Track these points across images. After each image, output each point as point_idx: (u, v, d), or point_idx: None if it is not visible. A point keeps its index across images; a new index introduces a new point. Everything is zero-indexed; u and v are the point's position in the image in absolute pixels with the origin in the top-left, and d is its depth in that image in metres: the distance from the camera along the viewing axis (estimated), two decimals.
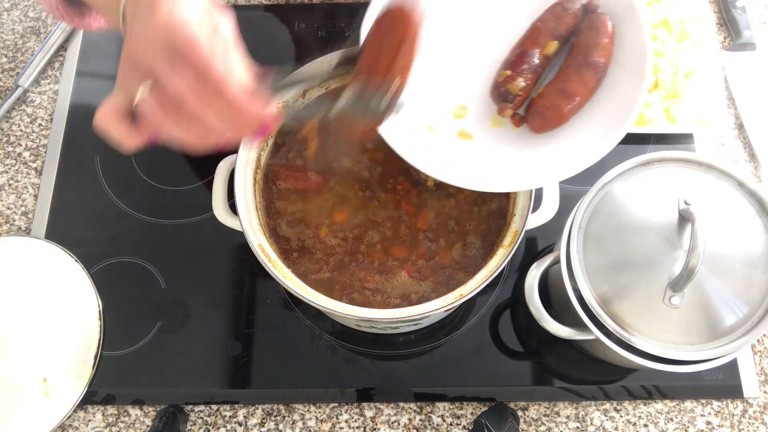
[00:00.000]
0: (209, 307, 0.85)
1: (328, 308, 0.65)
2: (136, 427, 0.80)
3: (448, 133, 0.68)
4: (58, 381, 0.80)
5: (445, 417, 0.80)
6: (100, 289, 0.85)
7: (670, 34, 0.93)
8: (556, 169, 0.65)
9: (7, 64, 1.03)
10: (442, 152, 0.67)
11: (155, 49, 0.45)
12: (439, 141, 0.68)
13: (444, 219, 0.73)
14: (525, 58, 0.66)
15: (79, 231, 0.90)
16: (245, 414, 0.80)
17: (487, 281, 0.64)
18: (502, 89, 0.66)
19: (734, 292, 0.62)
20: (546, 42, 0.66)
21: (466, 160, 0.67)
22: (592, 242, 0.65)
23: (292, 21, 1.03)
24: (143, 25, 0.45)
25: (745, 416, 0.79)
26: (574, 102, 0.64)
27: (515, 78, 0.65)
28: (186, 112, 0.46)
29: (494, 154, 0.67)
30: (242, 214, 0.69)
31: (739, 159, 0.93)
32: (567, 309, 0.68)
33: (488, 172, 0.66)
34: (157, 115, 0.47)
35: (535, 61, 0.66)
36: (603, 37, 0.65)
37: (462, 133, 0.68)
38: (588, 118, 0.66)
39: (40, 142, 0.96)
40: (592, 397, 0.80)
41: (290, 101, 0.76)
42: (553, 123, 0.65)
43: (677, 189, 0.65)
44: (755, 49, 0.98)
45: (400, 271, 0.71)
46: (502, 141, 0.68)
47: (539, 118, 0.65)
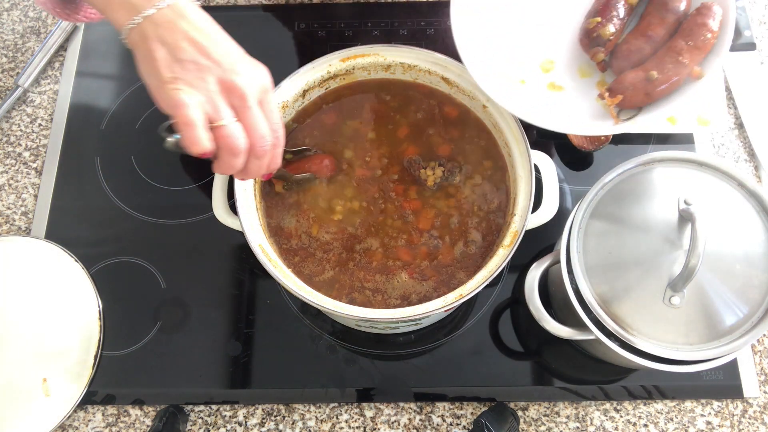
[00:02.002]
0: (209, 307, 0.85)
1: (328, 308, 0.65)
2: (136, 427, 0.80)
3: (539, 86, 0.73)
4: (58, 381, 0.80)
5: (445, 417, 0.80)
6: (100, 289, 0.85)
7: None
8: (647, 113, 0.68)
9: (7, 64, 1.03)
10: (536, 103, 0.71)
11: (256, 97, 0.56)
12: (533, 93, 0.72)
13: (444, 218, 0.73)
14: (611, 6, 0.71)
15: (79, 231, 0.90)
16: (245, 414, 0.80)
17: (487, 281, 0.64)
18: (594, 35, 0.70)
19: (734, 292, 0.62)
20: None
21: (560, 109, 0.71)
22: (592, 242, 0.65)
23: (292, 21, 1.03)
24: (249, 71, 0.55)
25: (745, 416, 0.79)
26: (656, 45, 0.68)
27: (605, 24, 0.70)
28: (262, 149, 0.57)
29: (586, 103, 0.71)
30: (242, 214, 0.69)
31: (739, 159, 0.93)
32: (567, 309, 0.68)
33: (584, 118, 0.70)
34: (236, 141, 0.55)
35: (621, 9, 0.71)
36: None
37: (552, 85, 0.73)
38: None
39: (40, 142, 0.96)
40: (592, 397, 0.80)
41: (290, 101, 0.76)
42: (636, 64, 0.69)
43: (677, 189, 0.65)
44: (755, 49, 0.98)
45: (400, 272, 0.71)
46: (591, 89, 0.72)
47: (624, 60, 0.69)
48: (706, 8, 0.68)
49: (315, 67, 0.76)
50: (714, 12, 0.67)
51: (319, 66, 0.76)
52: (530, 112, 0.68)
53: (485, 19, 0.74)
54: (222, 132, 0.54)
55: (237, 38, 1.06)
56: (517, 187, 0.71)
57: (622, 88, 0.68)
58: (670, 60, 0.67)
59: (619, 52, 0.70)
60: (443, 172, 0.74)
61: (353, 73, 0.78)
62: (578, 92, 0.72)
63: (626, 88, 0.67)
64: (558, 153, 0.92)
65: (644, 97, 0.67)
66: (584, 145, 0.89)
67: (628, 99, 0.68)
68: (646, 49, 0.69)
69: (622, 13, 0.71)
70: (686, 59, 0.66)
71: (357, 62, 0.77)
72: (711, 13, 0.67)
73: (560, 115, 0.70)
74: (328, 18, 1.03)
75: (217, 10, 1.05)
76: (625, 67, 0.70)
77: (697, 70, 0.67)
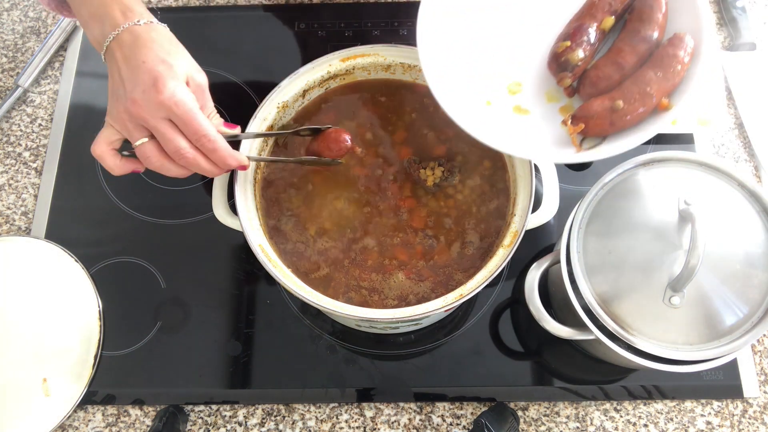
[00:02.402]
0: (209, 307, 0.85)
1: (328, 308, 0.65)
2: (136, 427, 0.80)
3: (504, 108, 0.71)
4: (58, 381, 0.80)
5: (445, 417, 0.80)
6: (100, 289, 0.86)
7: None
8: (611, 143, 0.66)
9: (7, 64, 1.03)
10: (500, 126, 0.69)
11: (159, 117, 0.60)
12: (497, 115, 0.71)
13: (443, 218, 0.73)
14: (583, 30, 0.69)
15: (79, 231, 0.90)
16: (245, 414, 0.80)
17: (487, 281, 0.64)
18: (562, 59, 0.68)
19: (734, 292, 0.62)
20: (603, 17, 0.69)
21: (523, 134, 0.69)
22: (592, 242, 0.65)
23: (292, 21, 1.03)
24: (146, 96, 0.59)
25: (745, 416, 0.79)
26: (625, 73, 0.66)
27: (575, 49, 0.68)
28: (184, 160, 0.62)
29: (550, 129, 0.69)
30: (242, 214, 0.69)
31: (739, 159, 0.93)
32: (567, 309, 0.68)
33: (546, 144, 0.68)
34: (158, 158, 0.62)
35: (592, 35, 0.69)
36: (656, 12, 0.67)
37: (518, 108, 0.71)
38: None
39: (40, 142, 0.96)
40: (592, 397, 0.80)
41: (290, 101, 0.76)
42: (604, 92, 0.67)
43: (677, 189, 0.65)
44: (755, 49, 0.98)
45: (397, 272, 0.71)
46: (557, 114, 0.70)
47: (591, 87, 0.67)
48: (678, 39, 0.65)
49: (315, 67, 0.76)
50: (686, 43, 0.64)
51: (319, 66, 0.76)
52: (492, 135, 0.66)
53: (454, 36, 0.72)
54: (137, 152, 0.62)
55: (237, 38, 1.06)
56: (517, 187, 0.71)
57: (587, 115, 0.65)
58: (638, 90, 0.64)
59: (587, 78, 0.68)
60: (443, 172, 0.74)
61: (353, 73, 0.78)
62: (544, 117, 0.70)
63: (591, 116, 0.65)
64: None
65: (609, 126, 0.65)
66: None
67: (592, 127, 0.65)
68: (615, 77, 0.66)
69: (593, 38, 0.68)
70: (654, 90, 0.64)
71: (357, 62, 0.77)
72: (683, 44, 0.64)
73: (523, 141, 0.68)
74: (328, 18, 1.03)
75: (217, 10, 1.05)
76: (593, 94, 0.67)
77: (665, 102, 0.64)
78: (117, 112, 0.62)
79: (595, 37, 0.69)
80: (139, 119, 0.60)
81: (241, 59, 1.01)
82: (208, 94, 0.66)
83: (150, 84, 0.59)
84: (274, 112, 0.75)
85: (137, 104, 0.60)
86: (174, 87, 0.60)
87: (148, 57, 0.61)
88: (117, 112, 0.62)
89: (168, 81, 0.60)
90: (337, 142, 0.71)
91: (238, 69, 1.00)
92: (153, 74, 0.60)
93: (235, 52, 1.01)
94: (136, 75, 0.60)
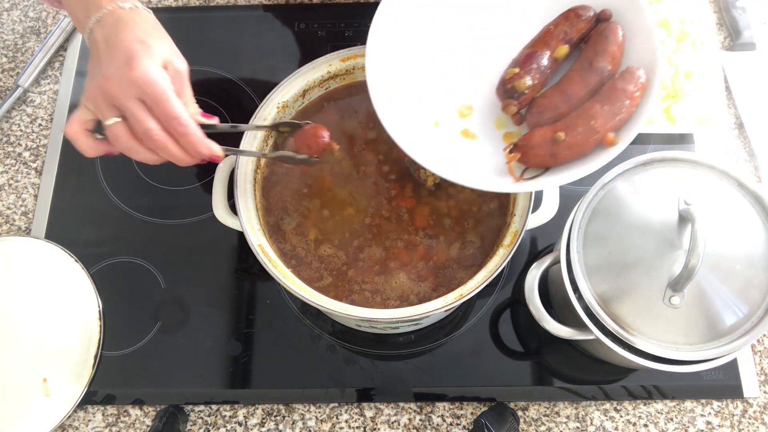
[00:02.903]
0: (209, 307, 0.85)
1: (328, 308, 0.65)
2: (136, 427, 0.80)
3: (451, 131, 0.69)
4: (58, 381, 0.80)
5: (445, 417, 0.80)
6: (100, 289, 0.86)
7: (670, 34, 0.93)
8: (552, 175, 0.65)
9: (7, 64, 1.03)
10: (444, 149, 0.68)
11: (130, 96, 0.57)
12: (443, 138, 0.69)
13: (443, 219, 0.73)
14: (534, 58, 0.66)
15: (79, 231, 0.90)
16: (245, 414, 0.80)
17: (487, 281, 0.64)
18: (509, 86, 0.66)
19: (734, 292, 0.62)
20: (557, 45, 0.67)
21: (467, 159, 0.68)
22: (592, 242, 0.65)
23: (292, 21, 1.03)
24: (119, 72, 0.57)
25: (745, 416, 0.79)
26: (573, 104, 0.65)
27: (523, 76, 0.66)
28: (153, 142, 0.59)
29: (495, 156, 0.68)
30: (242, 214, 0.69)
31: (739, 159, 0.93)
32: (567, 309, 0.68)
33: (488, 172, 0.67)
34: (127, 140, 0.59)
35: (544, 63, 0.66)
36: (612, 44, 0.65)
37: (465, 132, 0.69)
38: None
39: (40, 142, 0.96)
40: (592, 397, 0.80)
41: (290, 101, 0.76)
42: (549, 122, 0.65)
43: (677, 189, 0.65)
44: (755, 49, 0.98)
45: (399, 273, 0.71)
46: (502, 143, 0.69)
47: (538, 116, 0.66)
48: (630, 73, 0.63)
49: (315, 67, 0.76)
50: (637, 77, 0.63)
51: (319, 66, 0.76)
52: (433, 158, 0.64)
53: (408, 53, 0.70)
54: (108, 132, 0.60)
55: (237, 38, 1.06)
56: None
57: (527, 145, 0.64)
58: (582, 123, 0.62)
59: (534, 106, 0.66)
60: None
61: (353, 73, 0.78)
62: (490, 143, 0.68)
63: (531, 146, 0.63)
64: None
65: (549, 158, 0.63)
66: None
67: (532, 158, 0.64)
68: (562, 108, 0.64)
69: (544, 66, 0.66)
70: (599, 125, 0.62)
71: (357, 62, 0.77)
72: (634, 79, 0.63)
73: (464, 166, 0.66)
74: (328, 18, 1.03)
75: (217, 10, 1.05)
76: (539, 124, 0.65)
77: (611, 138, 0.62)
78: (90, 90, 0.60)
79: (547, 66, 0.66)
80: (110, 97, 0.58)
81: (241, 59, 1.01)
82: (186, 82, 0.63)
83: (124, 61, 0.57)
84: (274, 112, 0.75)
85: (110, 81, 0.58)
86: (148, 65, 0.58)
87: (127, 36, 0.59)
88: (90, 89, 0.60)
89: (143, 59, 0.58)
90: (315, 137, 0.68)
91: (238, 69, 1.00)
92: (129, 52, 0.58)
93: (235, 52, 1.01)
94: (113, 53, 0.59)
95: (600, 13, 0.68)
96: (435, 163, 0.64)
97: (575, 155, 0.64)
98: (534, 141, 0.63)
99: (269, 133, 0.75)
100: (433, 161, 0.64)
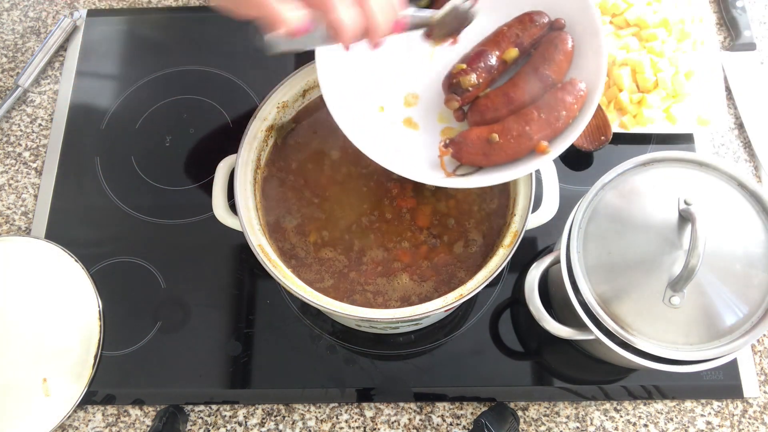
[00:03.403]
0: (209, 307, 0.85)
1: (329, 308, 0.65)
2: (136, 427, 0.80)
3: (395, 118, 0.69)
4: (58, 381, 0.80)
5: (445, 417, 0.80)
6: (100, 289, 0.86)
7: (670, 34, 0.93)
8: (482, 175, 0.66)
9: (7, 64, 1.03)
10: (386, 137, 0.68)
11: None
12: (386, 124, 0.69)
13: (443, 218, 0.73)
14: (483, 56, 0.67)
15: (79, 231, 0.90)
16: (245, 414, 0.80)
17: (487, 281, 0.64)
18: (454, 81, 0.66)
19: (734, 292, 0.62)
20: (507, 47, 0.68)
21: (406, 149, 0.68)
22: (592, 242, 0.65)
23: None
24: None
25: (745, 416, 0.79)
26: (513, 108, 0.65)
27: (469, 73, 0.66)
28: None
29: (432, 149, 0.68)
30: (242, 214, 0.69)
31: (739, 159, 0.93)
32: (567, 309, 0.68)
33: (423, 164, 0.67)
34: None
35: (492, 62, 0.67)
36: (559, 54, 0.66)
37: (408, 121, 0.69)
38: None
39: (40, 142, 0.96)
40: (592, 397, 0.80)
41: (290, 101, 0.76)
42: (489, 123, 0.66)
43: (677, 189, 0.65)
44: (755, 49, 0.98)
45: (401, 274, 0.71)
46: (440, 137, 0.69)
47: (478, 115, 0.66)
48: (571, 84, 0.64)
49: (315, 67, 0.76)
50: (578, 90, 0.63)
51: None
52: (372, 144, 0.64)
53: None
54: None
55: (237, 38, 1.06)
56: (517, 187, 0.71)
57: (463, 142, 0.64)
58: (517, 128, 0.63)
59: (476, 105, 0.67)
60: None
61: None
62: (430, 136, 0.69)
63: (467, 143, 0.64)
64: None
65: (482, 157, 0.64)
66: (584, 145, 0.89)
67: (465, 155, 0.65)
68: (503, 110, 0.65)
69: (492, 66, 0.66)
70: (533, 131, 0.63)
71: None
72: (575, 90, 0.63)
73: (401, 156, 0.67)
74: None
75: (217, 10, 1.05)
76: (479, 123, 0.66)
77: (543, 146, 0.63)
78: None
79: (495, 66, 0.67)
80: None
81: (241, 59, 1.01)
82: None
83: None
84: (274, 112, 0.75)
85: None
86: None
87: None
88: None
89: None
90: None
91: (238, 69, 1.00)
92: None
93: (235, 52, 1.01)
94: None
95: (554, 22, 0.68)
96: (373, 149, 0.64)
97: (507, 158, 0.65)
98: (469, 139, 0.64)
99: (269, 133, 0.75)
100: (372, 148, 0.64)
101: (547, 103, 0.64)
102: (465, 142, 0.65)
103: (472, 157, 0.65)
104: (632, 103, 0.91)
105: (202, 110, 0.97)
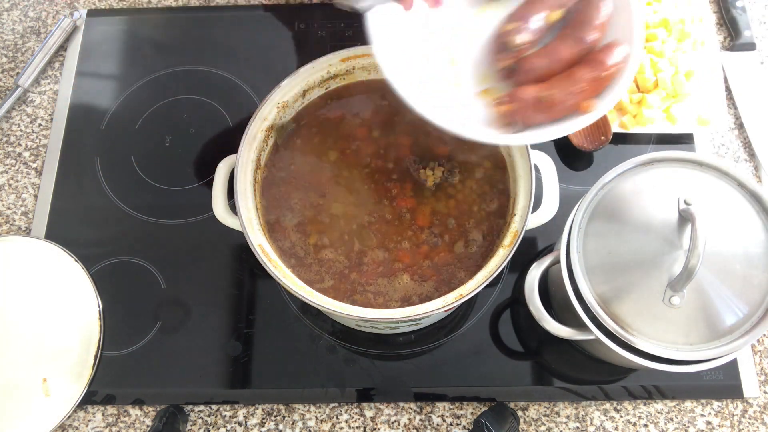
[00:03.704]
0: (209, 307, 0.85)
1: (329, 308, 0.65)
2: (136, 427, 0.80)
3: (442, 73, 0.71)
4: (58, 381, 0.80)
5: (445, 417, 0.80)
6: (100, 289, 0.86)
7: (670, 34, 0.93)
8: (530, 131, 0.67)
9: (7, 64, 1.03)
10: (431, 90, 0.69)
11: None
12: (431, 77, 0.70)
13: (443, 218, 0.73)
14: (530, 16, 0.69)
15: (79, 231, 0.90)
16: (245, 414, 0.80)
17: (487, 281, 0.64)
18: (503, 40, 0.68)
19: (734, 292, 0.62)
20: (552, 8, 0.69)
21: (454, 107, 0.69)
22: (592, 242, 0.65)
23: (292, 21, 1.03)
24: None
25: (745, 416, 0.79)
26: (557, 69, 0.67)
27: (518, 32, 0.68)
28: None
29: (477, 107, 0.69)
30: (242, 214, 0.69)
31: (739, 159, 0.93)
32: (567, 309, 0.68)
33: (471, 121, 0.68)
34: None
35: (540, 22, 0.69)
36: (597, 17, 0.67)
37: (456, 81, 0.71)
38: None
39: (40, 142, 0.96)
40: (592, 397, 0.80)
41: (290, 101, 0.76)
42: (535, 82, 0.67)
43: (677, 189, 0.65)
44: (755, 49, 0.98)
45: (402, 274, 0.71)
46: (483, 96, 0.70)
47: (523, 75, 0.68)
48: (612, 46, 0.66)
49: (315, 67, 0.76)
50: (619, 52, 0.66)
51: (320, 66, 0.76)
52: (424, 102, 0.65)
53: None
54: None
55: (237, 38, 1.07)
56: (517, 187, 0.71)
57: (514, 100, 0.66)
58: (565, 87, 0.65)
59: (520, 65, 0.68)
60: (443, 172, 0.74)
61: (353, 74, 0.78)
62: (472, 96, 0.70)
63: (518, 101, 0.66)
64: (558, 153, 0.92)
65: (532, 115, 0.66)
66: (584, 145, 0.89)
67: (517, 114, 0.66)
68: (549, 70, 0.67)
69: (540, 26, 0.68)
70: (579, 90, 0.65)
71: (357, 62, 0.77)
72: (616, 53, 0.66)
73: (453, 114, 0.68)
74: (328, 18, 1.03)
75: (217, 10, 1.05)
76: (522, 82, 0.68)
77: (586, 104, 0.65)
78: None
79: (541, 26, 0.69)
80: None
81: (241, 59, 1.01)
82: None
83: None
84: (274, 112, 0.75)
85: None
86: None
87: None
88: None
89: None
90: None
91: (238, 69, 1.00)
92: None
93: (235, 52, 1.01)
94: None
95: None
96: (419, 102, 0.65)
97: (553, 117, 0.66)
98: (520, 97, 0.66)
99: (269, 133, 0.75)
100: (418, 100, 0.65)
101: (591, 65, 0.66)
102: (517, 99, 0.66)
103: (523, 114, 0.66)
104: (632, 103, 0.91)
105: (203, 110, 0.97)
